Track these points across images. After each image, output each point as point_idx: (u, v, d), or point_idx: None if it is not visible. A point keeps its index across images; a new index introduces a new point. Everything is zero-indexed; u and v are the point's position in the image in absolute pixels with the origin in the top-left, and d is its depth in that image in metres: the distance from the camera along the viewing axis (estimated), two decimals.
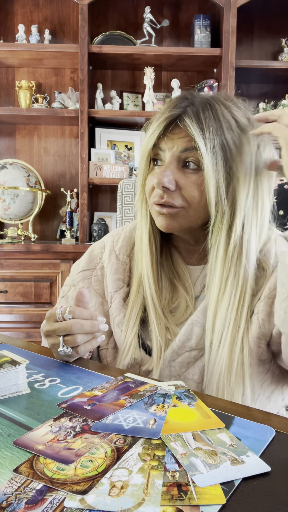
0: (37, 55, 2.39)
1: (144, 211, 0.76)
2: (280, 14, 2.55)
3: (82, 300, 0.66)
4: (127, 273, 0.80)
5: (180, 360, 0.71)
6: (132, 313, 0.74)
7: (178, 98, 0.70)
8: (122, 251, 0.82)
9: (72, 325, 0.61)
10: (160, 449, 0.40)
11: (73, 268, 0.87)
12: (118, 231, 0.87)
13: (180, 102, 0.68)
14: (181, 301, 0.76)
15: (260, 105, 2.47)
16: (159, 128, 0.68)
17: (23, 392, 0.53)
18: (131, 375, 0.59)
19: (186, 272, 0.79)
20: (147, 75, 2.38)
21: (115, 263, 0.81)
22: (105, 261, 0.82)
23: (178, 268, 0.79)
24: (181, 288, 0.77)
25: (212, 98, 0.70)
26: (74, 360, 0.65)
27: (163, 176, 0.67)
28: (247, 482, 0.35)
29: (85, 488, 0.34)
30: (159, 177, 0.67)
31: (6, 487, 0.35)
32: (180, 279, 0.78)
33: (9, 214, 2.44)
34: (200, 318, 0.71)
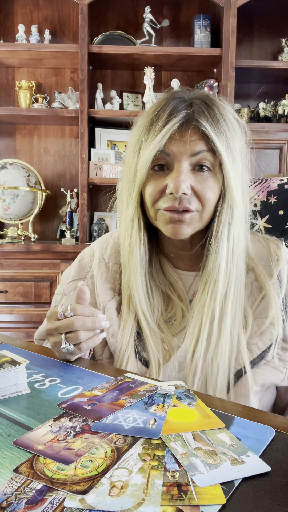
0: (37, 55, 2.39)
1: (137, 223, 0.72)
2: (280, 14, 2.55)
3: (82, 297, 0.65)
4: (117, 282, 0.77)
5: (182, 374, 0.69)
6: (125, 329, 0.72)
7: (174, 98, 0.67)
8: (112, 259, 0.79)
9: (74, 321, 0.61)
10: (160, 449, 0.40)
11: (64, 276, 0.85)
12: (107, 237, 0.85)
13: (179, 103, 0.66)
14: (176, 310, 0.74)
15: (260, 105, 2.47)
16: (167, 133, 0.64)
17: (23, 392, 0.53)
18: (131, 375, 0.59)
19: (178, 280, 0.76)
20: (147, 75, 2.38)
21: (105, 272, 0.78)
22: (95, 270, 0.80)
23: (170, 277, 0.77)
24: (174, 297, 0.75)
25: (207, 97, 0.68)
26: (74, 360, 0.65)
27: (181, 182, 0.64)
28: (247, 482, 0.35)
29: (85, 488, 0.34)
30: (176, 183, 0.64)
31: (6, 487, 0.35)
32: (173, 288, 0.76)
33: (9, 214, 2.44)
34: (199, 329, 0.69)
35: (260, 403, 0.70)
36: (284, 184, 0.91)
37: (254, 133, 2.38)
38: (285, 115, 2.44)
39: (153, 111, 0.68)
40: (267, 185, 0.92)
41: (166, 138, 0.65)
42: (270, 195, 0.91)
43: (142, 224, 0.72)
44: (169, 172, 0.67)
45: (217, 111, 0.66)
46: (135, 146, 0.69)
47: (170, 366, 0.69)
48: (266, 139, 2.41)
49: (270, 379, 0.66)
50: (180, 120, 0.65)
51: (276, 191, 0.91)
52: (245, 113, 2.48)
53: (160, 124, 0.65)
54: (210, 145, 0.65)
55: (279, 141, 2.43)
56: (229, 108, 0.70)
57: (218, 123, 0.65)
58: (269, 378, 0.66)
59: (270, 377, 0.66)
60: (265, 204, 0.91)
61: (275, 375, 0.67)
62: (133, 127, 0.73)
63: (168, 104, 0.66)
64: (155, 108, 0.68)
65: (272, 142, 2.43)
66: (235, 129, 0.68)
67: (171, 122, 0.64)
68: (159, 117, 0.66)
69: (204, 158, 0.66)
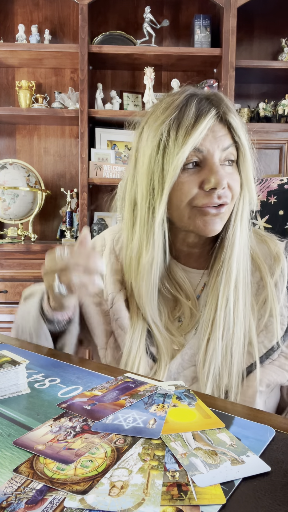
0: (37, 55, 2.39)
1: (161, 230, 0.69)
2: (280, 14, 2.55)
3: (84, 242, 0.64)
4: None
5: (186, 374, 0.69)
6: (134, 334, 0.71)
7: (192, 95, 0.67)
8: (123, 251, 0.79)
9: (69, 262, 0.60)
10: (160, 449, 0.40)
11: None
12: (119, 228, 0.83)
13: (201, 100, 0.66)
14: (184, 310, 0.74)
15: (260, 105, 2.47)
16: (204, 129, 0.64)
17: (23, 392, 0.53)
18: (131, 375, 0.59)
19: (185, 279, 0.76)
20: (147, 75, 2.39)
21: (115, 264, 0.78)
22: (105, 260, 0.79)
23: (177, 278, 0.76)
24: (181, 297, 0.74)
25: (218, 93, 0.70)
26: (74, 361, 0.65)
27: (222, 177, 0.65)
28: (247, 482, 0.35)
29: (85, 488, 0.34)
30: (218, 177, 0.64)
31: (6, 487, 0.35)
32: (180, 288, 0.75)
33: (9, 214, 2.44)
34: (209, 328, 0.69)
35: (265, 405, 0.69)
36: (284, 184, 0.91)
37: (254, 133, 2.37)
38: (285, 115, 2.44)
39: (173, 109, 0.66)
40: (267, 185, 0.92)
41: (203, 134, 0.64)
42: (270, 195, 0.91)
43: (162, 234, 0.69)
44: (200, 168, 0.66)
45: (230, 104, 0.68)
46: (156, 147, 0.66)
47: (179, 360, 0.69)
48: (266, 139, 2.41)
49: (276, 379, 0.66)
50: (214, 115, 0.65)
51: (276, 191, 0.91)
52: (245, 113, 2.48)
53: (190, 122, 0.64)
54: (235, 139, 0.67)
55: (279, 141, 2.43)
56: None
57: (239, 117, 0.68)
58: (274, 378, 0.66)
59: (276, 377, 0.66)
60: (265, 204, 0.91)
61: (281, 374, 0.67)
62: (144, 128, 0.70)
63: (190, 101, 0.66)
64: (174, 106, 0.66)
65: (272, 142, 2.43)
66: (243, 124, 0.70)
67: (206, 118, 0.64)
68: (186, 114, 0.65)
69: (231, 152, 0.67)
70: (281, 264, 0.72)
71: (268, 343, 0.67)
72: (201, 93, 0.68)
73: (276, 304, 0.68)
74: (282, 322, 0.68)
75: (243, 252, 0.71)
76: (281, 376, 0.67)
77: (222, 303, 0.68)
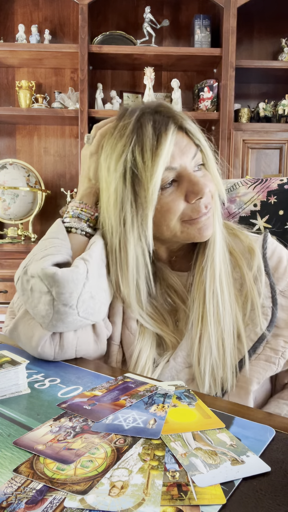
0: (37, 55, 2.39)
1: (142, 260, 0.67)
2: (280, 14, 2.55)
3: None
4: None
5: (181, 376, 0.69)
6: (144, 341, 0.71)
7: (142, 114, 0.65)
8: None
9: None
10: (160, 449, 0.40)
11: None
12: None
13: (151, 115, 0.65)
14: (180, 314, 0.74)
15: (260, 105, 2.47)
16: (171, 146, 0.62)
17: (23, 392, 0.53)
18: (131, 375, 0.59)
19: (177, 281, 0.76)
20: (147, 75, 2.39)
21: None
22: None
23: (169, 280, 0.76)
24: (178, 300, 0.75)
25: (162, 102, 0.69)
26: (74, 361, 0.65)
27: (204, 185, 0.65)
28: (247, 482, 0.35)
29: (85, 488, 0.34)
30: (201, 187, 0.64)
31: (6, 487, 0.35)
32: (175, 291, 0.76)
33: (9, 214, 2.45)
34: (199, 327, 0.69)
35: (255, 401, 0.70)
36: (284, 184, 0.91)
37: (254, 133, 2.38)
38: (285, 115, 2.44)
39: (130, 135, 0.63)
40: (267, 185, 0.92)
41: (170, 151, 0.62)
42: (270, 195, 0.91)
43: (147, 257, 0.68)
44: (178, 183, 0.66)
45: (179, 110, 0.69)
46: (122, 177, 0.64)
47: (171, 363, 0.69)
48: (266, 139, 2.41)
49: (264, 375, 0.67)
50: (174, 129, 0.64)
51: (276, 191, 0.91)
52: (245, 113, 2.48)
53: (153, 143, 0.62)
54: (196, 143, 0.67)
55: (279, 141, 2.43)
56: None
57: (190, 119, 0.68)
58: (263, 375, 0.67)
59: (264, 373, 0.67)
60: (265, 204, 0.91)
61: (268, 368, 0.67)
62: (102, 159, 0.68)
63: (143, 122, 0.64)
64: (130, 131, 0.64)
65: (272, 142, 2.43)
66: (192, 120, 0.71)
67: (168, 134, 0.62)
68: (146, 136, 0.62)
69: (199, 157, 0.68)
70: (257, 257, 0.72)
71: (254, 336, 0.68)
72: (150, 109, 0.66)
73: (257, 297, 0.69)
74: (266, 313, 0.69)
75: (222, 245, 0.72)
76: (269, 370, 0.67)
77: (210, 297, 0.68)
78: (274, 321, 0.69)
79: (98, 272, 0.65)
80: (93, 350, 0.68)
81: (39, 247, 0.67)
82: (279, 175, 2.49)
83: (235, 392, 0.67)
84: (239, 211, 0.93)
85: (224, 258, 0.72)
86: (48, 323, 0.61)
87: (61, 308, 0.60)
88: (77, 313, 0.62)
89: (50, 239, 0.67)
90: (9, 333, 0.68)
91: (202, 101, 2.45)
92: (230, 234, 0.77)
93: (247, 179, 0.96)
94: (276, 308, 0.69)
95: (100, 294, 0.65)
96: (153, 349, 0.71)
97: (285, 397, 0.71)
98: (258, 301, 0.69)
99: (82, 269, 0.62)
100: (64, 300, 0.60)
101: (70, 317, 0.62)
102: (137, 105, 0.69)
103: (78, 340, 0.66)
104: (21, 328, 0.65)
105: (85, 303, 0.62)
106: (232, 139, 2.37)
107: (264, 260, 0.72)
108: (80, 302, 0.62)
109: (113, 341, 0.73)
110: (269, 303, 0.70)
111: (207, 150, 0.69)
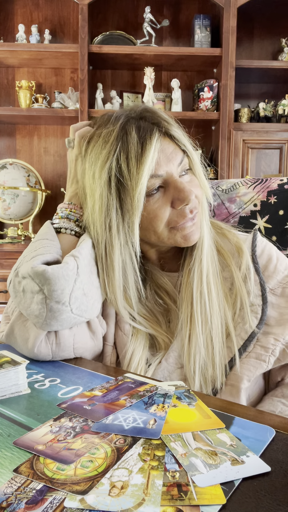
0: (37, 55, 2.39)
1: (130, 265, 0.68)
2: (280, 14, 2.56)
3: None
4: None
5: (173, 377, 0.69)
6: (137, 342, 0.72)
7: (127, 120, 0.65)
8: None
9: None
10: (160, 449, 0.40)
11: None
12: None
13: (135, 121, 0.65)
14: (172, 314, 0.75)
15: (260, 105, 2.47)
16: (155, 153, 0.62)
17: (23, 392, 0.53)
18: (131, 375, 0.59)
19: (168, 282, 0.76)
20: (147, 75, 2.39)
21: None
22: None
23: (159, 281, 0.76)
24: (169, 301, 0.76)
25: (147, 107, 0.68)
26: (74, 361, 0.65)
27: (189, 192, 0.65)
28: (247, 482, 0.35)
29: (85, 488, 0.34)
30: (186, 193, 0.64)
31: (6, 487, 0.35)
32: (166, 292, 0.76)
33: (9, 214, 2.45)
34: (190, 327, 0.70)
35: (249, 398, 0.70)
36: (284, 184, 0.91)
37: (254, 133, 2.38)
38: (285, 115, 2.44)
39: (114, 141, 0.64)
40: (267, 185, 0.92)
41: (155, 158, 0.62)
42: (270, 195, 0.91)
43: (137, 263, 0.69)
44: (164, 189, 0.66)
45: (165, 115, 0.68)
46: (107, 184, 0.64)
47: (161, 368, 0.69)
48: (266, 139, 2.41)
49: (254, 373, 0.67)
50: (158, 136, 0.64)
51: (276, 191, 0.91)
52: (245, 113, 2.48)
53: (137, 150, 0.62)
54: (182, 148, 0.67)
55: (279, 141, 2.43)
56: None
57: (176, 124, 0.68)
58: (253, 373, 0.67)
59: (254, 371, 0.67)
60: (265, 204, 0.91)
61: (259, 366, 0.67)
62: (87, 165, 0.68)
63: (128, 128, 0.64)
64: (114, 138, 0.64)
65: (272, 142, 2.43)
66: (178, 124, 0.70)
67: (152, 141, 0.62)
68: (131, 143, 0.62)
69: (185, 163, 0.68)
70: (245, 256, 0.73)
71: (244, 334, 0.68)
72: (135, 115, 0.66)
73: (245, 296, 0.69)
74: (256, 311, 0.69)
75: (210, 247, 0.72)
76: (259, 368, 0.68)
77: (198, 298, 0.69)
78: (264, 319, 0.69)
79: (89, 269, 0.66)
80: (90, 347, 0.68)
81: (29, 249, 0.67)
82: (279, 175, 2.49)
83: (226, 390, 0.67)
84: (239, 211, 0.93)
85: (212, 258, 0.72)
86: (43, 322, 0.61)
87: (54, 306, 0.60)
88: (71, 310, 0.62)
89: (39, 240, 0.68)
90: (6, 338, 0.68)
91: (202, 101, 2.45)
92: (218, 233, 0.77)
93: (247, 179, 0.96)
94: (266, 306, 0.70)
95: (92, 291, 0.66)
96: (145, 349, 0.71)
97: (279, 395, 0.71)
98: (247, 300, 0.69)
99: (71, 265, 0.62)
100: (56, 297, 0.60)
101: (64, 314, 0.62)
102: (122, 111, 0.68)
103: (75, 337, 0.66)
104: (17, 331, 0.66)
105: (78, 300, 0.62)
106: (232, 139, 2.37)
107: (253, 258, 0.73)
108: (73, 298, 0.62)
109: (107, 342, 0.73)
110: (259, 301, 0.70)
111: (193, 155, 0.68)
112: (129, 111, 0.68)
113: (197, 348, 0.67)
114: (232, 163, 2.40)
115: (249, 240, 0.75)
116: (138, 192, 0.62)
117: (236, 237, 0.76)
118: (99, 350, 0.72)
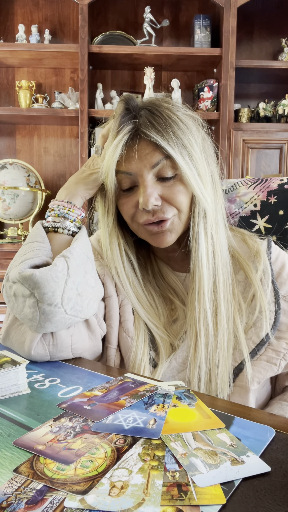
0: (37, 55, 2.39)
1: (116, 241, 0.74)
2: (280, 14, 2.55)
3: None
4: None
5: (181, 377, 0.69)
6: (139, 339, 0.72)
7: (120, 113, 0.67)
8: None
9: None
10: (160, 449, 0.40)
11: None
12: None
13: (124, 117, 0.66)
14: (179, 312, 0.74)
15: (260, 105, 2.47)
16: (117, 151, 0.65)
17: (23, 392, 0.53)
18: (131, 375, 0.59)
19: (177, 282, 0.77)
20: (147, 75, 2.39)
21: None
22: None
23: (169, 279, 0.77)
24: (176, 300, 0.75)
25: (152, 103, 0.68)
26: (74, 361, 0.65)
27: (148, 196, 0.64)
28: (247, 482, 0.35)
29: (85, 488, 0.34)
30: (144, 198, 0.65)
31: (6, 487, 0.35)
32: (174, 291, 0.76)
33: (9, 214, 2.45)
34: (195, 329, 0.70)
35: (257, 401, 0.70)
36: (284, 184, 0.91)
37: (254, 133, 2.38)
38: (285, 115, 2.44)
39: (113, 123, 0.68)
40: (267, 185, 0.92)
41: (117, 154, 0.65)
42: (270, 195, 0.91)
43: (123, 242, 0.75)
44: (137, 188, 0.68)
45: (163, 115, 0.65)
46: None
47: (170, 367, 0.69)
48: (266, 139, 2.41)
49: (265, 376, 0.67)
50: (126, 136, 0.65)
51: (276, 191, 0.91)
52: (245, 113, 2.48)
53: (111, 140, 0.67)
54: (165, 153, 0.65)
55: (279, 141, 2.43)
56: (178, 107, 0.69)
57: (166, 128, 0.65)
58: (264, 375, 0.67)
59: (265, 373, 0.67)
60: (265, 204, 0.91)
61: (269, 369, 0.67)
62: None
63: (117, 118, 0.67)
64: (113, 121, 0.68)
65: (272, 142, 2.43)
66: (187, 125, 0.67)
67: (118, 137, 0.65)
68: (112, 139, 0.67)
69: (164, 166, 0.66)
70: (263, 260, 0.72)
71: (257, 338, 0.68)
72: (130, 108, 0.67)
73: (264, 299, 0.69)
74: (269, 317, 0.69)
75: (218, 252, 0.70)
76: (270, 370, 0.67)
77: (201, 314, 0.68)
78: (277, 325, 0.69)
79: (83, 268, 0.65)
80: (89, 347, 0.68)
81: (19, 253, 0.67)
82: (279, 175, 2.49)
83: (235, 391, 0.67)
84: (239, 211, 0.93)
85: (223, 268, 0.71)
86: (37, 325, 0.61)
87: (46, 308, 0.60)
88: (64, 311, 0.61)
89: (29, 243, 0.67)
90: (2, 342, 0.68)
91: (202, 101, 2.45)
92: (236, 238, 0.77)
93: (247, 179, 0.96)
94: (279, 313, 0.69)
95: (87, 290, 0.65)
96: (147, 345, 0.71)
97: (287, 399, 0.71)
98: (265, 303, 0.69)
99: (61, 266, 0.61)
100: (47, 300, 0.60)
101: (58, 316, 0.61)
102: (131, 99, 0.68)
103: (72, 337, 0.65)
104: (13, 335, 0.66)
105: (71, 301, 0.62)
106: (232, 139, 2.37)
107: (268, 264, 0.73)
108: (66, 299, 0.61)
109: (111, 344, 0.73)
110: (273, 307, 0.70)
111: (179, 161, 0.65)
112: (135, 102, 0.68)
113: (200, 362, 0.67)
114: (232, 163, 2.40)
115: (264, 246, 0.75)
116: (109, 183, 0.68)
117: (256, 243, 0.76)
118: (99, 350, 0.71)
